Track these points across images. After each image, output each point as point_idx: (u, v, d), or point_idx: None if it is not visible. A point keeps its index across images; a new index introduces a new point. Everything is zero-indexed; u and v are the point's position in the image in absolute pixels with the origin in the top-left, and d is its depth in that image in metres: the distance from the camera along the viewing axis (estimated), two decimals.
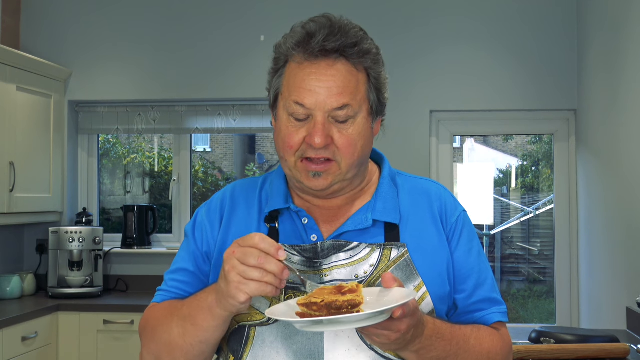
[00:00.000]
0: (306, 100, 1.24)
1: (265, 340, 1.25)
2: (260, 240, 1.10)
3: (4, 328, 3.35)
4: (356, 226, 1.31)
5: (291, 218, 1.34)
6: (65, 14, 4.47)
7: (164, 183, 4.88)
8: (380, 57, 1.32)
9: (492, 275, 1.38)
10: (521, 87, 4.15)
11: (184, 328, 1.22)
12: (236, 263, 1.09)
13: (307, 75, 1.25)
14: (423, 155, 4.18)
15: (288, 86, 1.27)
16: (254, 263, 1.09)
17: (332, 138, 1.25)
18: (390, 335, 1.10)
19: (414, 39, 4.22)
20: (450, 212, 1.37)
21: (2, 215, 3.79)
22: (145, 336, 1.32)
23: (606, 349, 2.32)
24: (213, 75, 4.35)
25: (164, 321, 1.27)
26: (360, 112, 1.27)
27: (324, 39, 1.23)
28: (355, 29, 1.28)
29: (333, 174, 1.28)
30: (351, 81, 1.25)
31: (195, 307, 1.21)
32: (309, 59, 1.25)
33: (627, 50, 3.13)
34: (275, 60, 1.31)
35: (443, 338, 1.21)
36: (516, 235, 5.69)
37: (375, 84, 1.30)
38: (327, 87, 1.24)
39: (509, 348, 1.36)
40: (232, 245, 1.12)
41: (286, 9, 4.22)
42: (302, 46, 1.25)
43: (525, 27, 4.15)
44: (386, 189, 1.36)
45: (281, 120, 1.29)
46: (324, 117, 1.24)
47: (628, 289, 3.13)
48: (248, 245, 1.10)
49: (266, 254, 1.09)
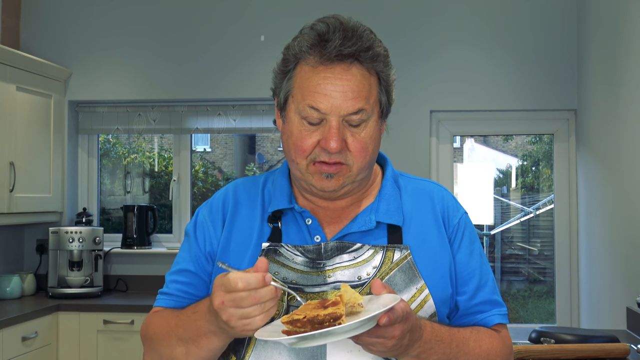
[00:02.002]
0: (321, 105, 1.23)
1: (267, 341, 1.24)
2: (244, 283, 1.07)
3: (4, 328, 3.35)
4: (360, 227, 1.31)
5: (294, 218, 1.33)
6: (65, 14, 4.47)
7: (164, 183, 4.88)
8: (389, 59, 1.32)
9: (493, 277, 1.39)
10: (521, 87, 4.15)
11: (186, 348, 1.23)
12: (232, 311, 1.08)
13: (322, 80, 1.24)
14: (423, 156, 4.18)
15: (301, 89, 1.26)
16: (249, 304, 1.07)
17: (345, 142, 1.25)
18: (386, 342, 1.10)
19: (414, 39, 4.22)
20: (452, 215, 1.37)
21: (2, 215, 3.79)
22: (147, 345, 1.33)
23: (606, 349, 2.32)
24: (213, 75, 4.35)
25: (164, 337, 1.27)
26: (373, 115, 1.27)
27: (340, 44, 1.22)
28: (367, 31, 1.27)
29: (344, 176, 1.28)
30: (365, 85, 1.25)
31: (194, 333, 1.20)
32: (324, 63, 1.24)
33: (627, 50, 3.13)
34: (285, 62, 1.30)
35: (442, 341, 1.21)
36: (516, 235, 5.69)
37: (385, 87, 1.30)
38: (343, 91, 1.23)
39: (509, 350, 1.36)
40: (216, 294, 1.09)
41: (286, 9, 4.22)
42: (316, 49, 1.24)
43: (525, 27, 4.15)
44: (389, 191, 1.36)
45: (292, 123, 1.28)
46: (339, 122, 1.24)
47: (628, 289, 3.13)
48: (233, 291, 1.07)
49: (255, 289, 1.07)
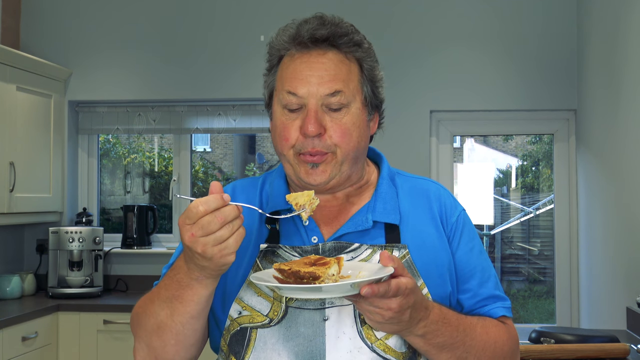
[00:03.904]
0: (298, 89, 1.25)
1: (267, 342, 1.24)
2: (204, 206, 1.06)
3: (4, 328, 3.35)
4: (356, 227, 1.30)
5: (292, 219, 1.33)
6: (65, 14, 4.47)
7: (164, 183, 4.88)
8: (373, 52, 1.33)
9: (494, 273, 1.38)
10: (521, 87, 4.15)
11: (170, 309, 1.20)
12: (204, 240, 1.06)
13: (298, 65, 1.26)
14: (423, 155, 4.18)
15: (281, 79, 1.29)
16: (218, 226, 1.06)
17: (325, 128, 1.25)
18: (382, 312, 1.10)
19: (414, 39, 4.22)
20: (450, 212, 1.37)
21: (2, 215, 3.79)
22: (134, 326, 1.30)
23: (606, 349, 2.32)
24: (213, 75, 4.35)
25: (147, 308, 1.25)
26: (354, 101, 1.28)
27: (314, 28, 1.26)
28: (346, 23, 1.29)
29: (330, 164, 1.27)
30: (342, 69, 1.27)
31: (176, 288, 1.18)
32: (300, 50, 1.27)
33: (627, 50, 3.13)
34: (269, 59, 1.33)
35: (449, 324, 1.21)
36: (516, 235, 5.69)
37: (369, 77, 1.30)
38: (319, 75, 1.25)
39: (515, 340, 1.35)
40: (184, 230, 1.08)
41: (286, 9, 4.22)
42: (294, 39, 1.27)
43: (525, 27, 4.15)
44: (385, 189, 1.36)
45: (276, 115, 1.30)
46: (317, 105, 1.25)
47: (628, 289, 3.13)
48: (199, 217, 1.06)
49: (218, 209, 1.06)
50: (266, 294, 1.27)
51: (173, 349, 1.23)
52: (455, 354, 1.23)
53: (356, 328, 1.23)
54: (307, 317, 1.24)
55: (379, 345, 1.23)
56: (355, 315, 1.24)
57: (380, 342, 1.23)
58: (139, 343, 1.28)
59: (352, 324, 1.23)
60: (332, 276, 1.10)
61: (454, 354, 1.23)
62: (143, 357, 1.27)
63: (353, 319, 1.23)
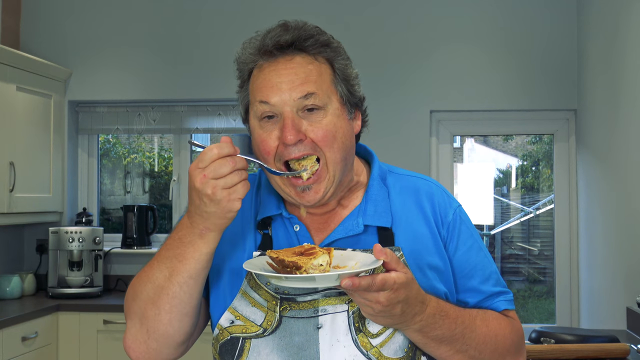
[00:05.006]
0: (270, 98, 1.23)
1: (260, 352, 1.23)
2: (218, 149, 1.10)
3: (4, 328, 3.35)
4: (347, 233, 1.29)
5: (284, 224, 1.32)
6: (65, 14, 4.47)
7: (164, 183, 4.88)
8: (343, 51, 1.31)
9: (495, 268, 1.37)
10: (521, 87, 4.15)
11: (169, 269, 1.19)
12: (214, 182, 1.10)
13: (267, 74, 1.25)
14: (423, 155, 4.18)
15: (253, 92, 1.27)
16: (229, 170, 1.10)
17: (304, 134, 1.23)
18: (372, 305, 1.09)
19: (414, 39, 4.22)
20: (444, 212, 1.34)
21: (2, 215, 3.79)
22: (128, 302, 1.27)
23: (606, 349, 2.32)
24: (213, 75, 4.35)
25: (144, 276, 1.24)
26: (330, 102, 1.26)
27: (277, 35, 1.25)
28: (310, 25, 1.29)
29: (323, 182, 1.25)
30: (312, 71, 1.25)
31: (178, 246, 1.19)
32: (267, 60, 1.26)
33: (627, 50, 3.13)
34: (240, 75, 1.31)
35: (447, 316, 1.20)
36: (516, 235, 5.68)
37: (342, 76, 1.28)
38: (289, 80, 1.23)
39: (519, 334, 1.33)
40: (195, 173, 1.11)
41: (286, 9, 4.22)
42: (259, 50, 1.27)
43: (525, 27, 4.16)
44: (376, 190, 1.33)
45: (254, 129, 1.28)
46: (292, 112, 1.23)
47: (628, 289, 3.13)
48: (212, 160, 1.10)
49: (229, 155, 1.11)
50: (260, 304, 1.25)
51: (167, 316, 1.21)
52: (454, 347, 1.22)
53: (351, 336, 1.22)
54: (301, 327, 1.23)
55: (374, 353, 1.21)
56: (350, 323, 1.22)
57: (375, 350, 1.21)
58: (131, 320, 1.25)
59: (347, 332, 1.22)
60: (319, 266, 1.10)
61: (453, 346, 1.22)
62: (134, 335, 1.25)
63: (347, 327, 1.22)
